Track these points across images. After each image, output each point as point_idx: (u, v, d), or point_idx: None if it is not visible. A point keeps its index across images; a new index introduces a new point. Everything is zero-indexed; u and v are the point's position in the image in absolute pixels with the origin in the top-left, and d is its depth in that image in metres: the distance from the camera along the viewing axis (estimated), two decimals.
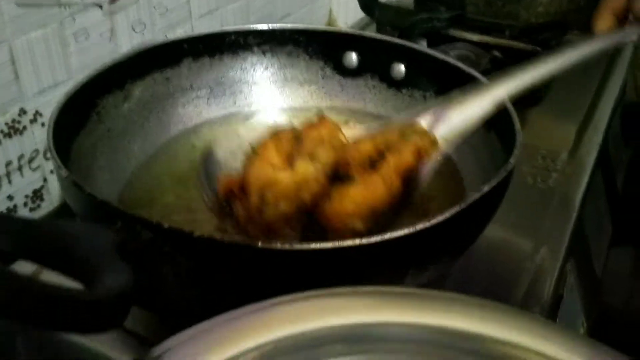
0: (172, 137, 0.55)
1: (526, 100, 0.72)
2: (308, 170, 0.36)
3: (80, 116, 0.48)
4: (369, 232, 0.34)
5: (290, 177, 0.36)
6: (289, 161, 0.38)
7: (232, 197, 0.38)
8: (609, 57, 0.86)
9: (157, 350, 0.25)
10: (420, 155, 0.39)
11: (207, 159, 0.44)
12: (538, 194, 0.59)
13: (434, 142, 0.41)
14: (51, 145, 0.38)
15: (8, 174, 0.55)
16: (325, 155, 0.37)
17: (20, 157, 0.56)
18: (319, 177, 0.37)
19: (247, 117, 0.59)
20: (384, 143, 0.40)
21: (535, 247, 0.51)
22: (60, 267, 0.26)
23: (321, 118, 0.41)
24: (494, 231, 0.51)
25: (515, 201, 0.56)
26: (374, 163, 0.39)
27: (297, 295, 0.27)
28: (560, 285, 0.50)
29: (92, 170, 0.46)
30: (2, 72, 0.52)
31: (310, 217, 0.37)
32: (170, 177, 0.50)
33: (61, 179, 0.38)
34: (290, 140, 0.39)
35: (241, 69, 0.59)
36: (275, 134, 0.40)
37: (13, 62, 0.53)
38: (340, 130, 0.41)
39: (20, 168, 0.56)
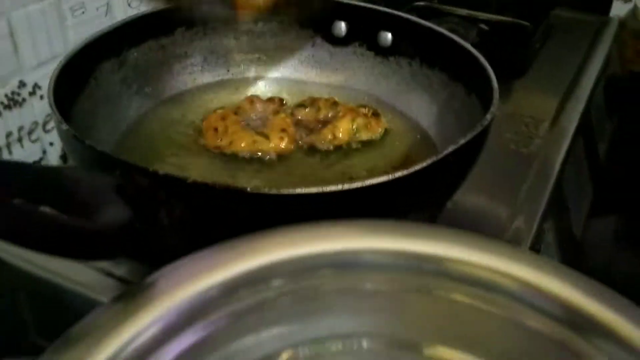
0: (165, 101, 0.57)
1: (511, 71, 0.75)
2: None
3: (79, 80, 0.50)
4: None
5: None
6: None
7: None
8: (594, 32, 0.88)
9: (150, 277, 0.27)
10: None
11: None
12: (520, 158, 0.61)
13: None
14: (52, 101, 0.40)
15: (8, 145, 0.57)
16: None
17: (20, 129, 0.58)
18: None
19: (239, 85, 0.61)
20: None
21: (515, 207, 0.54)
22: (63, 206, 0.29)
23: None
24: (475, 192, 0.53)
25: (498, 165, 0.59)
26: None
27: (285, 227, 0.29)
28: (537, 242, 0.52)
29: (90, 132, 0.48)
30: (2, 43, 0.54)
31: None
32: (164, 139, 0.53)
33: (62, 133, 0.40)
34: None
35: (234, 37, 0.61)
36: None
37: (12, 35, 0.55)
38: None
39: (20, 139, 0.58)
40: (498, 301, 0.27)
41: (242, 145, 0.50)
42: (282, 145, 0.50)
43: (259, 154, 0.50)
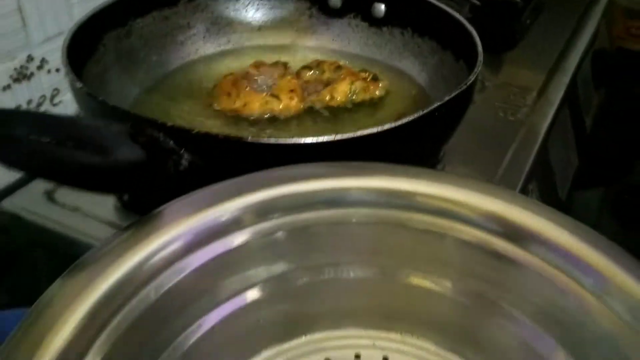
0: (170, 71, 0.60)
1: (502, 45, 0.78)
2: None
3: (89, 46, 0.53)
4: None
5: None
6: None
7: None
8: (584, 8, 0.91)
9: (158, 209, 0.30)
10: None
11: None
12: (507, 125, 0.64)
13: None
14: (65, 60, 0.43)
15: None
16: None
17: (29, 102, 0.60)
18: None
19: (240, 54, 0.64)
20: None
21: (502, 166, 0.57)
22: (83, 145, 0.32)
23: None
24: (464, 153, 0.57)
25: (486, 130, 0.62)
26: None
27: (283, 167, 0.32)
28: None
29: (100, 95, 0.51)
30: (11, 19, 0.56)
31: None
32: (170, 102, 0.55)
33: (76, 92, 0.43)
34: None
35: (234, 9, 0.64)
36: None
37: (20, 10, 0.57)
38: None
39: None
40: (455, 227, 0.31)
41: (256, 106, 0.53)
42: (292, 104, 0.53)
43: (271, 114, 0.53)
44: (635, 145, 0.88)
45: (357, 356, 0.36)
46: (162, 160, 0.37)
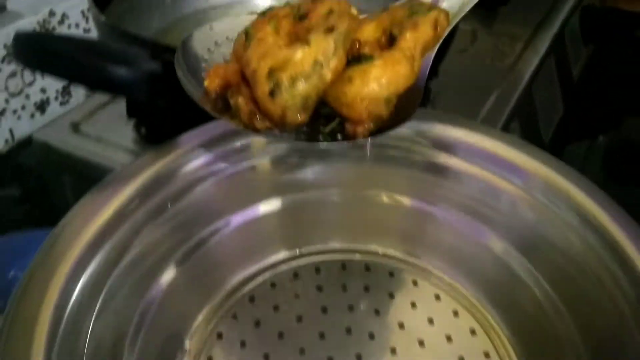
0: (183, 16, 0.65)
1: (495, 0, 0.83)
2: (327, 44, 0.30)
3: None
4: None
5: (307, 53, 0.30)
6: (296, 39, 0.32)
7: (228, 89, 0.33)
8: None
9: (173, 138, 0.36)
10: (436, 27, 0.33)
11: (185, 53, 0.37)
12: (494, 71, 0.69)
13: (446, 13, 0.34)
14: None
15: None
16: (344, 26, 0.31)
17: None
18: (339, 52, 0.31)
19: (250, 6, 0.68)
20: (393, 23, 0.34)
21: (485, 106, 0.62)
22: (111, 60, 0.37)
23: None
24: (450, 95, 0.62)
25: (474, 76, 0.68)
26: (387, 43, 0.33)
27: None
28: None
29: None
30: None
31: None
32: None
33: (99, 24, 0.48)
34: (290, 18, 0.33)
35: None
36: (271, 13, 0.34)
37: None
38: (346, 2, 0.34)
39: None
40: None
41: None
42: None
43: None
44: (624, 101, 0.92)
45: (343, 266, 0.43)
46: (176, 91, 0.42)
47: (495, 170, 0.40)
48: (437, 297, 0.42)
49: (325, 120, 0.33)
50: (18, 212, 0.60)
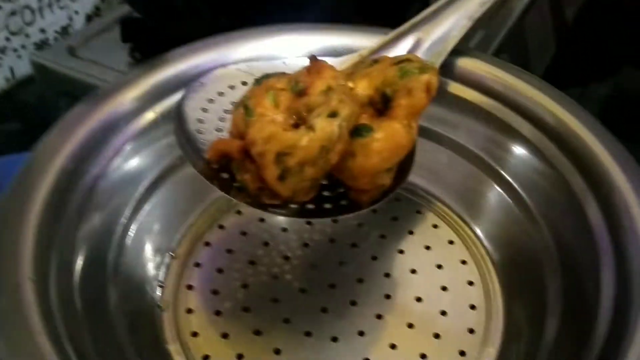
0: None
1: None
2: (333, 129, 0.30)
3: None
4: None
5: (313, 139, 0.30)
6: (296, 117, 0.32)
7: (231, 160, 0.33)
8: None
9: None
10: (429, 91, 0.33)
11: (180, 121, 0.36)
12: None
13: (435, 73, 0.34)
14: None
15: (40, 9, 0.65)
16: (346, 111, 0.31)
17: None
18: (343, 136, 0.31)
19: None
20: (384, 83, 0.34)
21: (475, 40, 0.63)
22: None
23: (317, 64, 0.33)
24: None
25: None
26: (380, 106, 0.34)
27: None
28: None
29: None
30: None
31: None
32: None
33: None
34: (289, 92, 0.33)
35: None
36: (267, 84, 0.33)
37: None
38: (342, 75, 0.34)
39: (50, 5, 0.67)
40: None
41: None
42: None
43: None
44: (621, 49, 0.91)
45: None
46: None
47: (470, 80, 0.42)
48: (419, 212, 0.44)
49: (328, 186, 0.34)
50: (19, 144, 0.62)
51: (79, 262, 0.34)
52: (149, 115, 0.40)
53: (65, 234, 0.34)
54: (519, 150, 0.41)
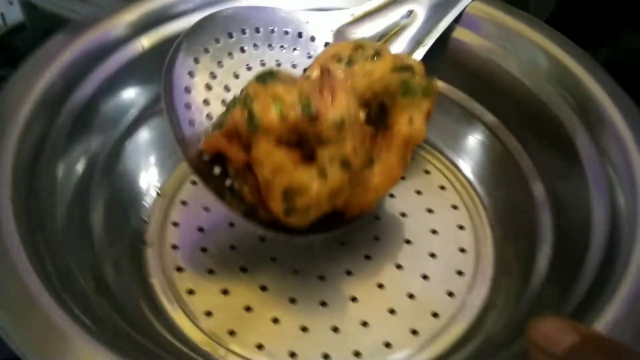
0: None
1: None
2: (344, 180, 0.31)
3: None
4: None
5: (323, 187, 0.30)
6: (303, 138, 0.31)
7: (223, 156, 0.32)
8: None
9: None
10: (428, 117, 0.34)
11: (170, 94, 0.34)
12: None
13: (435, 97, 0.34)
14: None
15: None
16: (358, 163, 0.31)
17: None
18: (351, 185, 0.32)
19: None
20: (384, 90, 0.33)
21: None
22: None
23: (330, 80, 0.31)
24: None
25: None
26: (375, 112, 0.33)
27: None
28: None
29: None
30: None
31: None
32: None
33: None
34: (298, 109, 0.30)
35: None
36: (273, 90, 0.30)
37: None
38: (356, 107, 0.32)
39: None
40: None
41: None
42: None
43: None
44: (622, 11, 0.89)
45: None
46: None
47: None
48: (412, 159, 0.43)
49: None
50: None
51: (63, 189, 0.34)
52: (137, 45, 0.39)
53: (48, 158, 0.33)
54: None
